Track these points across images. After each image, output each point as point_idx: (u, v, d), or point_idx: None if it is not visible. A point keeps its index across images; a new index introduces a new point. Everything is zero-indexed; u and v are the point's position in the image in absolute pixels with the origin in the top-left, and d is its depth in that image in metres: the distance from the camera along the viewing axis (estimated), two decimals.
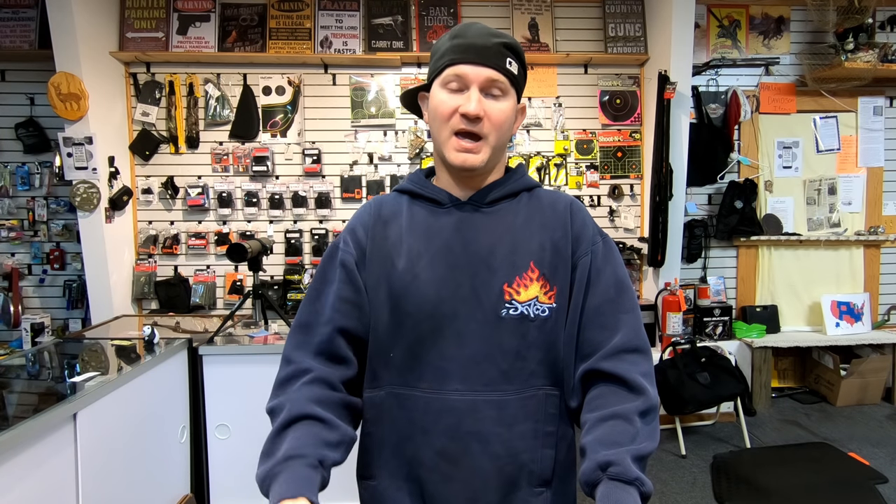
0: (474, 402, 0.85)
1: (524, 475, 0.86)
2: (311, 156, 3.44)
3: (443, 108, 0.86)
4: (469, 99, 0.84)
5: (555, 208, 0.93)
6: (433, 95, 0.89)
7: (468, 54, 0.85)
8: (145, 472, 2.03)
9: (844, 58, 3.43)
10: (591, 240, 0.92)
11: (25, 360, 2.17)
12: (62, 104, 2.96)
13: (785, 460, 2.85)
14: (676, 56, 3.23)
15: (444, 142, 0.88)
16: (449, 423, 0.85)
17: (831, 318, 3.63)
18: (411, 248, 0.89)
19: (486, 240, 0.89)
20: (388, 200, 0.97)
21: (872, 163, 3.81)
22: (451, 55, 0.86)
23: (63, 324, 3.46)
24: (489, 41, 0.86)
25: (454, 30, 0.89)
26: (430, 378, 0.86)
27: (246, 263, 2.54)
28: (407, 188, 0.97)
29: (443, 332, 0.86)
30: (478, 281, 0.87)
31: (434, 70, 0.90)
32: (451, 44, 0.87)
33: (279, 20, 3.38)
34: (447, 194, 0.93)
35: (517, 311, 0.86)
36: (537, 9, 3.49)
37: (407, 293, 0.87)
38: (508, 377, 0.86)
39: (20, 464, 1.41)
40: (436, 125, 0.89)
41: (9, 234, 3.37)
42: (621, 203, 3.64)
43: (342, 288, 0.90)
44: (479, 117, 0.84)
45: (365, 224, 0.94)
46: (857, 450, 2.93)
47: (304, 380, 0.85)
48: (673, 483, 2.69)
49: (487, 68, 0.85)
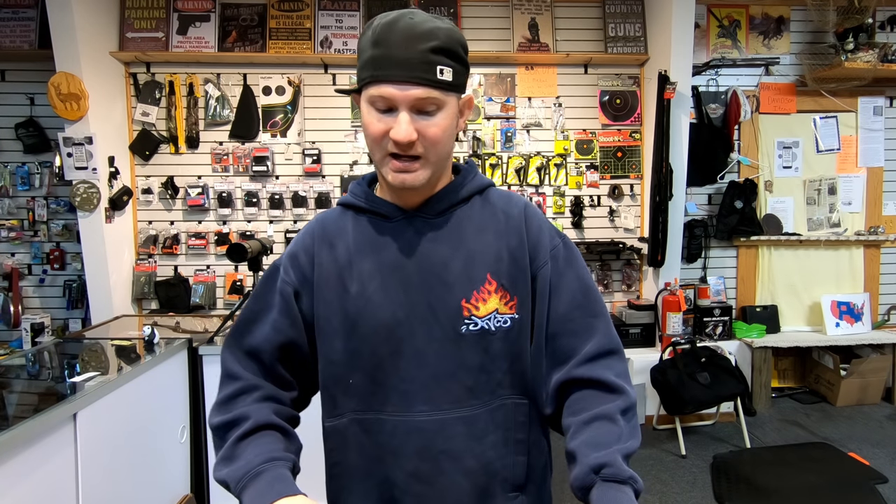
0: (442, 420, 0.82)
1: (498, 483, 0.85)
2: (311, 156, 3.44)
3: (372, 129, 0.78)
4: (399, 122, 0.76)
5: (508, 214, 0.89)
6: (362, 111, 0.80)
7: (391, 71, 0.74)
8: (145, 472, 2.03)
9: (844, 58, 3.43)
10: (550, 245, 0.88)
11: (25, 360, 2.17)
12: (62, 104, 2.96)
13: (785, 460, 2.85)
14: (676, 56, 3.23)
15: (380, 162, 0.81)
16: (419, 445, 0.82)
17: (831, 318, 3.63)
18: (362, 270, 0.84)
19: (439, 253, 0.84)
20: (331, 218, 0.91)
21: (872, 163, 3.81)
22: (372, 69, 0.76)
23: (63, 324, 3.46)
24: (414, 50, 0.74)
25: (377, 30, 0.77)
26: (395, 401, 0.83)
27: (246, 263, 2.53)
28: (350, 202, 0.90)
29: (402, 353, 0.83)
30: (433, 298, 0.83)
31: (359, 79, 0.79)
32: (371, 53, 0.76)
33: (279, 20, 3.38)
34: (393, 207, 0.86)
35: (477, 326, 0.83)
36: (537, 9, 3.49)
37: (361, 318, 0.83)
38: (474, 392, 0.84)
39: (20, 464, 1.41)
40: (368, 143, 0.81)
41: (9, 234, 3.37)
42: (621, 203, 3.64)
43: (278, 319, 0.86)
44: (411, 143, 0.77)
45: (307, 248, 0.88)
46: (857, 450, 2.93)
47: (255, 395, 0.84)
48: (673, 483, 2.69)
49: (414, 87, 0.75)
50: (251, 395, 0.84)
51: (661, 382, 3.01)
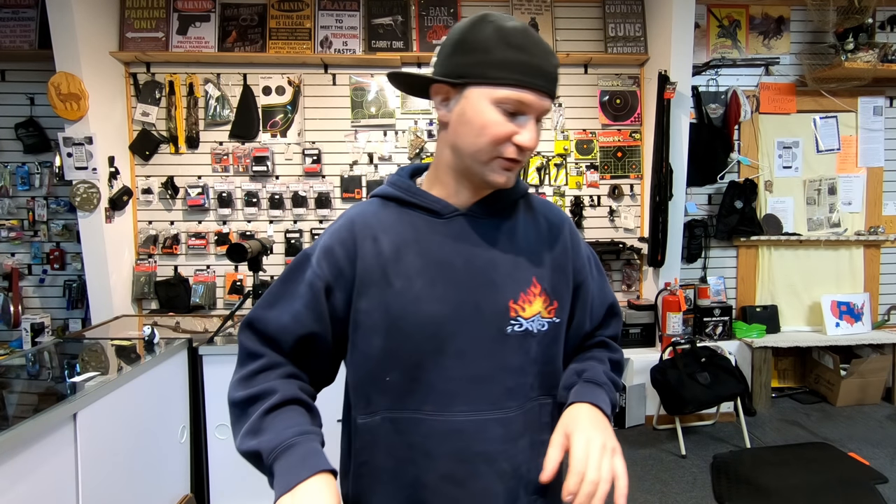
0: (481, 422, 0.82)
1: (523, 486, 0.86)
2: (311, 156, 3.44)
3: (496, 131, 0.77)
4: (528, 130, 0.78)
5: (551, 222, 0.92)
6: (478, 109, 0.78)
7: (537, 80, 0.76)
8: (145, 472, 2.03)
9: (844, 58, 3.43)
10: (586, 256, 0.96)
11: (25, 360, 2.17)
12: (62, 104, 2.96)
13: (785, 460, 2.85)
14: (676, 56, 3.23)
15: (486, 161, 0.80)
16: (456, 446, 0.81)
17: (831, 318, 3.63)
18: (408, 264, 0.82)
19: (488, 254, 0.84)
20: (371, 212, 0.87)
21: (872, 163, 3.81)
22: (516, 74, 0.75)
23: (63, 324, 3.46)
24: (551, 64, 0.78)
25: (510, 35, 0.76)
26: (434, 400, 0.81)
27: (246, 263, 2.53)
28: (394, 195, 0.88)
29: (445, 352, 0.81)
30: (481, 297, 0.83)
31: (480, 76, 0.77)
32: (514, 57, 0.75)
33: (279, 20, 3.38)
34: (445, 203, 0.86)
35: (522, 327, 0.84)
36: (537, 9, 3.49)
37: (406, 315, 0.81)
38: (512, 394, 0.84)
39: (20, 464, 1.41)
40: (477, 142, 0.79)
41: (9, 234, 3.37)
42: (621, 203, 3.64)
43: (302, 312, 0.83)
44: (532, 149, 0.80)
45: (344, 242, 0.84)
46: (857, 450, 2.93)
47: (279, 372, 0.83)
48: (673, 483, 2.69)
49: (547, 99, 0.78)
50: (275, 372, 0.82)
51: (661, 382, 3.01)
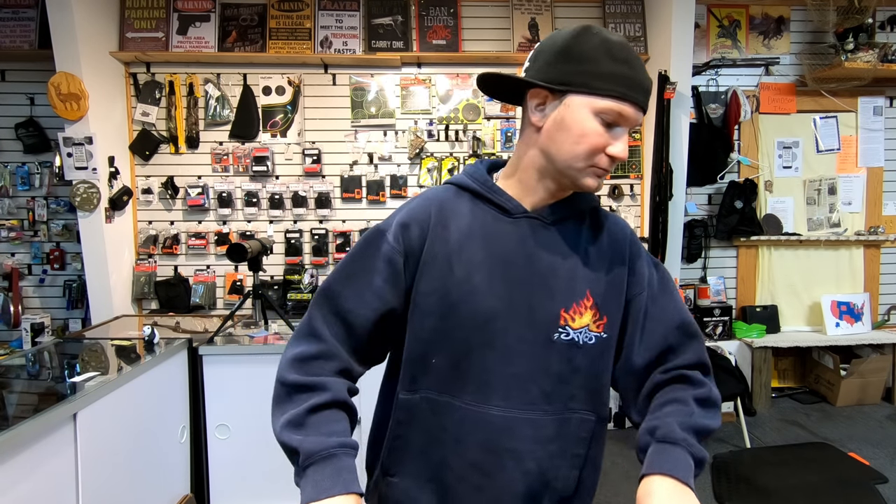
0: (513, 419, 0.84)
1: (547, 492, 0.87)
2: (311, 156, 3.44)
3: (595, 140, 0.80)
4: (622, 142, 0.81)
5: (614, 237, 0.92)
6: (578, 117, 0.80)
7: (638, 94, 0.79)
8: (145, 472, 2.03)
9: (844, 58, 3.43)
10: (647, 273, 0.93)
11: (25, 360, 2.17)
12: (62, 104, 2.96)
13: (785, 460, 2.85)
14: (676, 56, 3.23)
15: (581, 168, 0.83)
16: (485, 437, 0.84)
17: (831, 318, 3.63)
18: (472, 257, 0.85)
19: (549, 259, 0.86)
20: (447, 198, 0.90)
21: (872, 163, 3.81)
22: (620, 87, 0.78)
23: (63, 324, 3.46)
24: (648, 80, 0.82)
25: (615, 48, 0.79)
26: (473, 391, 0.84)
27: (246, 263, 2.54)
28: (470, 186, 0.90)
29: (492, 346, 0.84)
30: (535, 300, 0.85)
31: (584, 85, 0.79)
32: (619, 70, 0.78)
33: (279, 20, 3.38)
34: (517, 203, 0.88)
35: (569, 336, 0.85)
36: (537, 9, 3.49)
37: (461, 302, 0.84)
38: (549, 399, 0.85)
39: (20, 464, 1.41)
40: (575, 149, 0.81)
41: (9, 234, 3.36)
42: (621, 203, 3.64)
43: (382, 287, 0.85)
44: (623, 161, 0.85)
45: (421, 222, 0.87)
46: (857, 450, 2.93)
47: (333, 365, 0.84)
48: None
49: (642, 114, 0.82)
50: (330, 363, 0.84)
51: None
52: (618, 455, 2.97)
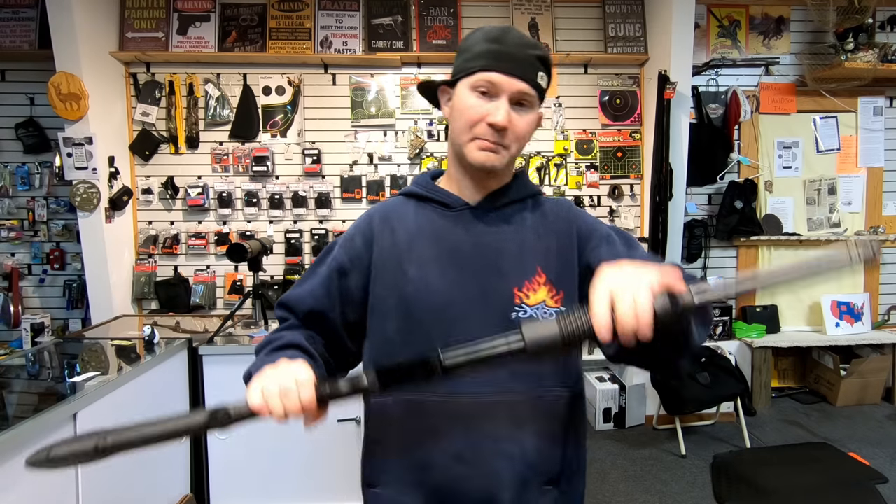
0: (486, 404, 0.85)
1: (534, 474, 0.87)
2: (311, 156, 3.44)
3: (470, 112, 0.86)
4: (498, 109, 0.85)
5: (558, 214, 0.95)
6: (460, 96, 0.88)
7: (503, 63, 0.85)
8: (145, 472, 2.04)
9: (844, 58, 3.43)
10: (605, 233, 0.92)
11: (25, 360, 2.17)
12: (62, 104, 2.96)
13: (785, 460, 2.85)
14: (676, 56, 3.23)
15: (466, 143, 0.88)
16: (462, 427, 0.85)
17: (831, 318, 3.63)
18: (421, 254, 0.89)
19: (495, 242, 0.89)
20: (392, 206, 0.97)
21: (872, 163, 3.81)
22: (485, 60, 0.85)
23: (63, 324, 3.46)
24: (525, 52, 0.86)
25: (490, 32, 0.88)
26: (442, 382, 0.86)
27: (246, 263, 2.54)
28: (413, 191, 0.97)
29: (452, 335, 0.84)
30: (487, 283, 0.87)
31: (463, 69, 0.88)
32: (486, 47, 0.86)
33: (279, 20, 3.38)
34: (456, 197, 0.94)
35: (527, 314, 0.86)
36: (537, 9, 3.49)
37: (418, 299, 0.87)
38: (519, 379, 0.86)
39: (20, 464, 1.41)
40: (459, 125, 0.89)
41: (9, 234, 3.37)
42: (621, 203, 3.64)
43: (317, 288, 0.94)
44: (505, 128, 0.85)
45: (364, 232, 0.94)
46: (857, 450, 2.93)
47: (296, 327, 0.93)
48: (673, 483, 2.69)
49: (520, 80, 0.85)
50: (292, 329, 0.93)
51: (661, 382, 3.01)
52: (618, 455, 2.97)
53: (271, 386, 0.72)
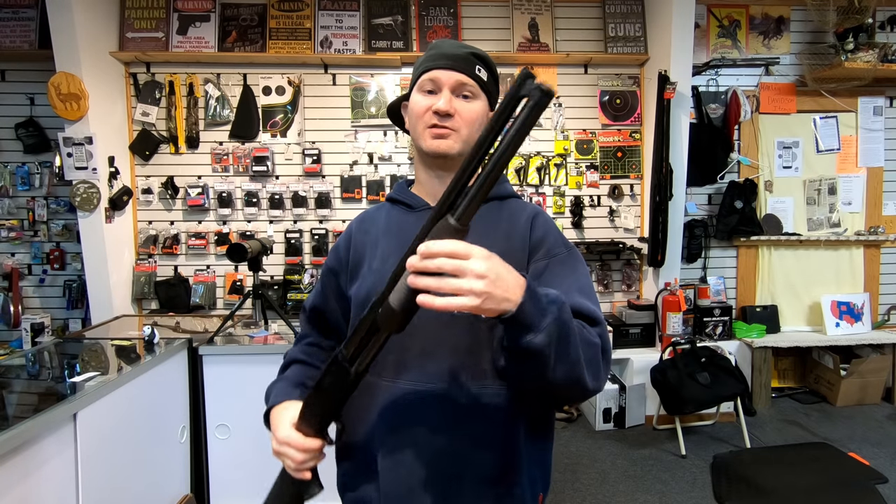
0: (422, 393, 0.88)
1: (469, 468, 0.88)
2: (311, 156, 3.44)
3: (417, 107, 0.96)
4: (441, 97, 0.94)
5: (517, 220, 0.98)
6: (412, 100, 0.99)
7: (440, 61, 0.96)
8: (145, 472, 2.04)
9: (844, 58, 3.43)
10: (551, 249, 0.94)
11: (25, 360, 2.17)
12: (62, 104, 2.96)
13: (785, 460, 2.85)
14: (676, 56, 3.23)
15: (420, 134, 0.96)
16: (402, 413, 0.89)
17: (831, 318, 3.63)
18: (384, 248, 0.98)
19: None
20: (372, 211, 1.08)
21: (872, 163, 3.81)
22: (426, 63, 0.97)
23: (63, 324, 3.46)
24: (461, 51, 0.97)
25: (435, 44, 1.00)
26: (390, 368, 0.91)
27: (246, 263, 2.54)
28: (389, 196, 1.07)
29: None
30: None
31: (413, 81, 1.01)
32: (427, 55, 0.99)
33: (279, 20, 3.38)
34: (419, 199, 1.01)
35: None
36: (537, 9, 3.49)
37: (374, 289, 0.88)
38: (457, 373, 0.88)
39: (20, 464, 1.41)
40: (412, 122, 0.98)
41: (9, 234, 3.37)
42: (621, 203, 3.64)
43: (319, 291, 1.08)
44: (449, 113, 0.93)
45: (346, 237, 1.06)
46: (857, 450, 2.93)
47: (303, 342, 1.08)
48: (673, 483, 2.69)
49: (457, 73, 0.94)
50: (300, 343, 1.09)
51: (661, 382, 3.01)
52: (618, 455, 2.97)
53: (276, 452, 0.89)
